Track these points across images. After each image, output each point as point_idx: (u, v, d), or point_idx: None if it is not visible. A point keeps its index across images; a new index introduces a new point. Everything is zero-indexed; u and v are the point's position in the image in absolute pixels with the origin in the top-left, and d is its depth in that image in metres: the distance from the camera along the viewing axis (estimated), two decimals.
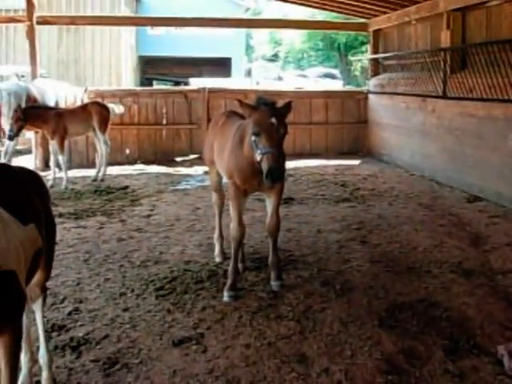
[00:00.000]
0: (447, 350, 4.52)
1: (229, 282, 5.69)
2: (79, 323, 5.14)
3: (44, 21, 14.04)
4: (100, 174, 11.99)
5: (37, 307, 4.09)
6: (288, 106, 5.40)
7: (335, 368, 4.27)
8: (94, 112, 11.73)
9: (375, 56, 15.36)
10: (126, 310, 5.42)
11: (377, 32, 15.36)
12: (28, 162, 13.34)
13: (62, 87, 13.17)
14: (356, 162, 14.39)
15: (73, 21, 15.49)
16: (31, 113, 10.94)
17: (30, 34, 13.54)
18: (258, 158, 5.09)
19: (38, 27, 13.89)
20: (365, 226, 8.26)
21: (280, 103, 5.47)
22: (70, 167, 12.34)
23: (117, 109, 12.76)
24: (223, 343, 4.70)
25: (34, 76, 13.61)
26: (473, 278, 6.12)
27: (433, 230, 8.02)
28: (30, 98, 11.52)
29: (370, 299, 5.55)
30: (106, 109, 12.04)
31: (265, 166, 5.00)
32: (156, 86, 33.79)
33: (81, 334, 4.89)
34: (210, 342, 4.73)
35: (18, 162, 12.70)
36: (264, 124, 5.06)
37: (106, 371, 4.30)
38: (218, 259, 6.74)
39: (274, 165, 4.94)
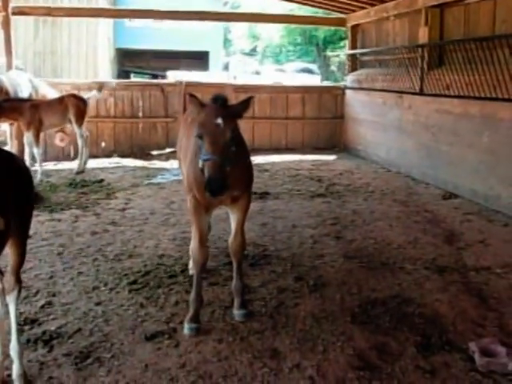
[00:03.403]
0: (419, 346, 4.55)
1: (190, 312, 4.95)
2: (52, 317, 5.10)
3: (20, 11, 13.87)
4: (78, 167, 11.94)
5: (11, 300, 4.08)
6: (246, 104, 4.54)
7: (307, 363, 4.28)
8: (71, 105, 11.62)
9: (353, 51, 15.37)
10: (98, 303, 5.39)
11: (355, 27, 15.35)
12: None
13: (41, 82, 13.02)
14: (332, 157, 14.42)
15: (49, 12, 15.31)
16: (6, 106, 10.82)
17: (5, 25, 13.36)
18: (200, 165, 4.40)
19: (14, 18, 13.72)
20: (339, 222, 8.27)
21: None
22: (44, 160, 12.24)
23: (97, 94, 12.68)
24: (196, 338, 4.69)
25: (8, 67, 13.43)
26: (446, 275, 6.16)
27: (407, 227, 8.05)
28: (2, 90, 11.35)
29: (343, 295, 5.57)
30: (83, 102, 11.93)
31: (205, 175, 4.28)
32: (133, 78, 33.60)
33: (53, 328, 4.85)
34: (182, 336, 4.72)
35: None
36: (208, 125, 4.33)
37: (77, 365, 4.28)
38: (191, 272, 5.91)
39: (214, 174, 4.18)
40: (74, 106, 11.61)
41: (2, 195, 3.69)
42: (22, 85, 11.97)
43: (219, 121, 4.30)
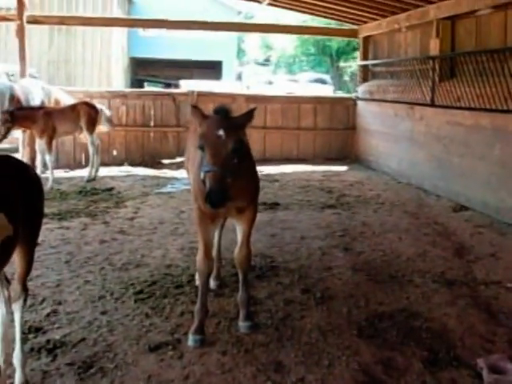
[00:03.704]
0: (426, 362, 4.48)
1: (195, 323, 4.90)
2: (56, 325, 5.09)
3: (34, 20, 13.94)
4: (88, 175, 12.00)
5: (17, 308, 4.10)
6: (249, 115, 4.51)
7: (311, 377, 4.23)
8: (83, 112, 11.69)
9: (364, 62, 15.36)
10: (104, 313, 5.37)
11: (367, 38, 15.36)
12: None
13: (55, 90, 13.08)
14: (343, 168, 14.36)
15: (63, 21, 15.42)
16: (19, 114, 10.89)
17: (20, 33, 13.46)
18: (202, 176, 4.35)
19: (30, 27, 13.85)
20: (349, 234, 8.21)
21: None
22: (56, 167, 12.28)
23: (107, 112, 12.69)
24: (200, 349, 4.65)
25: (22, 75, 13.52)
26: (455, 289, 6.08)
27: (417, 239, 7.98)
28: (14, 97, 11.42)
29: (350, 308, 5.51)
30: (95, 110, 11.98)
31: (206, 187, 4.22)
32: (147, 87, 33.80)
33: (57, 337, 4.83)
34: (186, 347, 4.68)
35: None
36: (209, 137, 4.28)
37: (80, 375, 4.25)
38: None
39: (215, 186, 4.11)
40: (85, 113, 11.68)
41: (11, 203, 3.72)
42: (34, 92, 12.05)
43: (221, 132, 4.25)
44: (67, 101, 12.65)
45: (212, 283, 5.90)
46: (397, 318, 5.29)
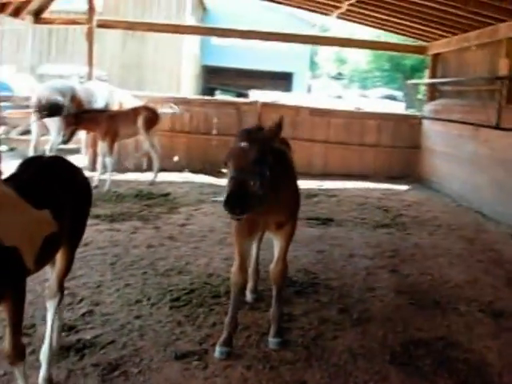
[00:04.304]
0: None
1: (224, 335, 4.85)
2: (89, 326, 5.13)
3: (103, 24, 14.28)
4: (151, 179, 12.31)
5: (51, 306, 4.17)
6: (277, 128, 4.41)
7: None
8: (142, 115, 11.84)
9: (430, 81, 15.03)
10: (138, 317, 5.38)
11: (436, 56, 14.98)
12: (77, 161, 13.53)
13: (121, 93, 13.33)
14: (404, 187, 14.00)
15: (131, 26, 15.75)
16: (84, 117, 11.11)
17: (89, 37, 13.79)
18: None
19: (102, 31, 14.19)
20: (398, 255, 7.99)
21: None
22: (117, 170, 12.49)
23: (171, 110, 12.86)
24: (225, 361, 4.58)
25: (89, 77, 13.84)
26: (501, 320, 5.81)
27: (469, 266, 7.69)
28: (75, 98, 11.67)
29: (386, 332, 5.32)
30: (155, 114, 12.14)
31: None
32: (218, 95, 34.17)
33: (88, 337, 4.87)
34: (212, 358, 4.63)
35: None
36: (233, 150, 4.31)
37: (103, 377, 4.27)
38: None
39: (233, 190, 4.00)
40: (144, 116, 11.83)
41: (58, 202, 3.81)
42: (98, 95, 12.29)
43: (243, 144, 4.25)
44: (132, 105, 12.87)
45: (249, 296, 5.87)
46: (434, 346, 5.08)
